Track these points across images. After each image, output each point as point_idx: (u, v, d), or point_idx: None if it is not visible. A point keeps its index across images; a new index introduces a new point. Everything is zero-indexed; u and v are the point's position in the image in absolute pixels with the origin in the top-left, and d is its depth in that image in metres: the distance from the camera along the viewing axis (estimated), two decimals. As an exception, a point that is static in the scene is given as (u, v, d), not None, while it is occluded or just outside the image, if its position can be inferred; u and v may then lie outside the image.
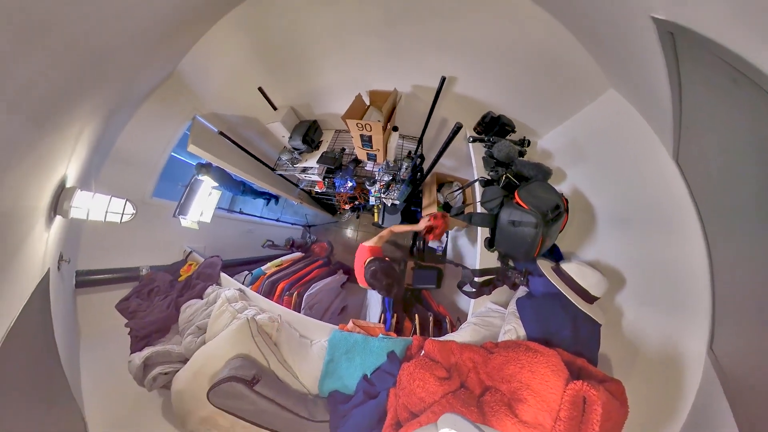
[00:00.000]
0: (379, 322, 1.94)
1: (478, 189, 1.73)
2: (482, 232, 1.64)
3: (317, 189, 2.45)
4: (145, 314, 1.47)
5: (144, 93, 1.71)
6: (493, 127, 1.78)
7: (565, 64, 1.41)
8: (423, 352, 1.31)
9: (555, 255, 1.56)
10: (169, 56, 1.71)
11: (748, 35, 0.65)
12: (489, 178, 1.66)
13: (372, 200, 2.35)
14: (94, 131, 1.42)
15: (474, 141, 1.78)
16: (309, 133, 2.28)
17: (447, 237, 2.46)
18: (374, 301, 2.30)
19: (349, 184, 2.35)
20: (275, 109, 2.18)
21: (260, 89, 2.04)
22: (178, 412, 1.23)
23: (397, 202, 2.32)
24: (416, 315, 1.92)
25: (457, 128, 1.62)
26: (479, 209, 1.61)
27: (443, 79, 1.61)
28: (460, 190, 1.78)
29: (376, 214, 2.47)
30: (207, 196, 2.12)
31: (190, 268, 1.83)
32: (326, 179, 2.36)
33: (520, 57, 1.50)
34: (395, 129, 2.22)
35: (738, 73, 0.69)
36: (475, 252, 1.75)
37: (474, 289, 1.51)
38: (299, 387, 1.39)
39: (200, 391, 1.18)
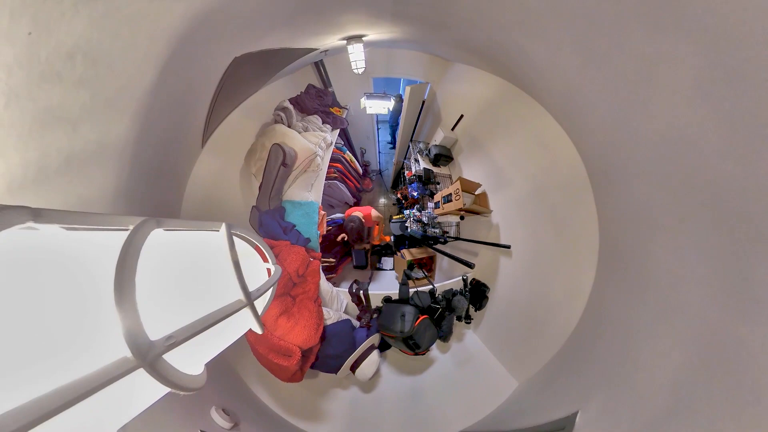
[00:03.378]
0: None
1: (427, 287, 2.17)
2: (396, 294, 2.10)
3: (406, 172, 3.17)
4: (307, 99, 2.44)
5: (431, 51, 2.54)
6: (477, 292, 2.17)
7: (537, 345, 1.58)
8: (311, 260, 2.04)
9: (383, 347, 2.03)
10: (463, 56, 2.30)
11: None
12: (437, 295, 2.09)
13: (406, 212, 3.01)
14: (396, 34, 2.26)
15: (463, 281, 2.22)
16: (443, 156, 2.96)
17: (393, 265, 3.05)
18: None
19: (415, 193, 3.03)
20: (453, 129, 2.88)
21: (461, 116, 2.74)
22: (264, 133, 2.18)
23: (408, 230, 2.95)
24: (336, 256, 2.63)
25: (469, 265, 2.14)
26: (411, 291, 2.02)
27: (508, 246, 2.02)
28: (424, 276, 2.30)
29: (397, 217, 3.13)
30: (382, 107, 3.01)
31: (338, 112, 2.77)
32: (414, 177, 3.07)
33: (536, 307, 1.73)
34: (462, 217, 2.74)
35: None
36: (381, 291, 2.28)
37: (354, 292, 2.21)
38: (285, 189, 2.25)
39: (275, 139, 2.10)
